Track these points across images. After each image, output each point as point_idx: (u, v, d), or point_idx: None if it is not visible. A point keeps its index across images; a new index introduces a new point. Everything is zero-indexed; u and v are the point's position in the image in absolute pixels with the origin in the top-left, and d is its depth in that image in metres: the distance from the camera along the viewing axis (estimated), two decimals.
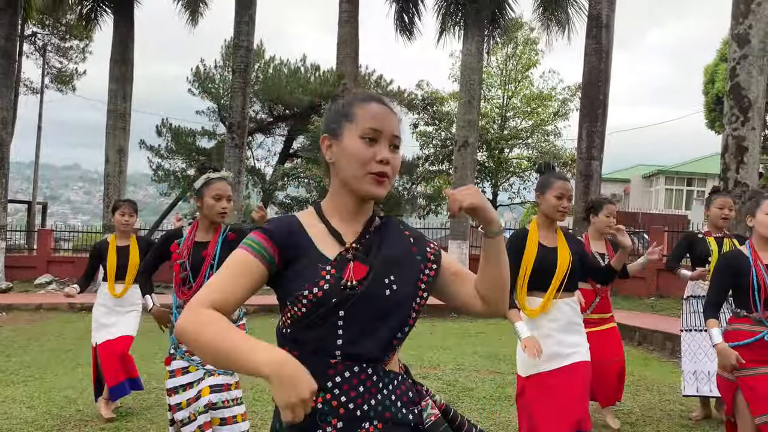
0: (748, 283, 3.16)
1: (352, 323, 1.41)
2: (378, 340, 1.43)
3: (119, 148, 14.85)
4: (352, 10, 14.09)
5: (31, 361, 6.98)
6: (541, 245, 3.25)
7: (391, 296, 1.44)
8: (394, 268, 1.47)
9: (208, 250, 3.31)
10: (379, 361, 1.44)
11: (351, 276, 1.43)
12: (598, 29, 12.09)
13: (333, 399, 1.40)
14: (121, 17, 14.92)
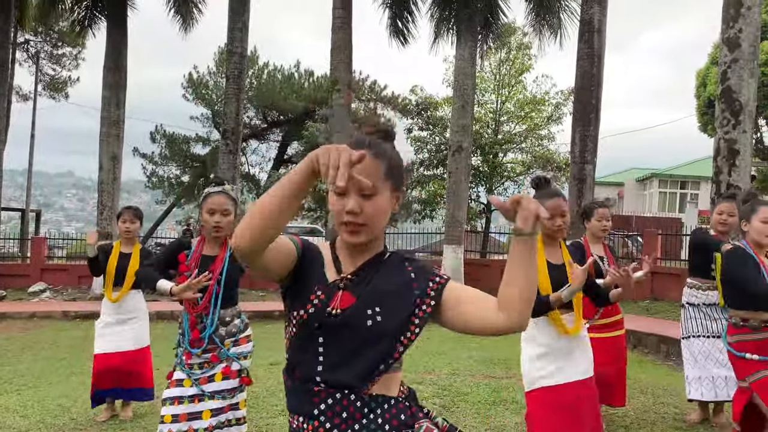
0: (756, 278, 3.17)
1: (331, 350, 1.47)
2: (356, 370, 1.46)
3: (113, 155, 14.81)
4: (346, 16, 14.09)
5: (24, 370, 6.94)
6: (549, 263, 3.17)
7: (373, 327, 1.46)
8: (383, 300, 1.48)
9: (215, 265, 3.31)
10: (361, 387, 1.45)
11: (337, 304, 1.48)
12: (590, 34, 12.15)
13: (320, 426, 1.44)
14: (114, 24, 14.91)
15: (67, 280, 15.65)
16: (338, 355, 1.47)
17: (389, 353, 1.47)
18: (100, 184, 14.84)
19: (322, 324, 1.47)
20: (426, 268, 1.58)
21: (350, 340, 1.46)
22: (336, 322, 1.46)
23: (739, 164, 9.50)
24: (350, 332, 1.46)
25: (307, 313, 1.48)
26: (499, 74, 26.73)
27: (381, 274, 1.52)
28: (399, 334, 1.48)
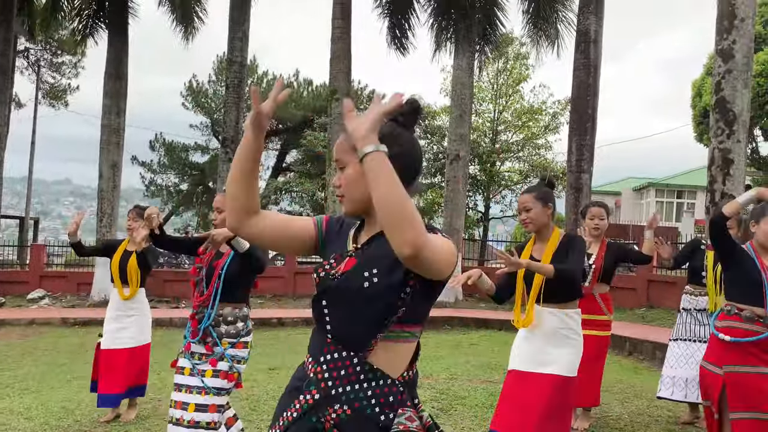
0: (756, 281, 3.28)
1: (333, 309, 1.59)
2: (356, 327, 1.56)
3: (113, 163, 14.90)
4: (345, 26, 14.25)
5: (25, 375, 7.00)
6: (532, 257, 3.33)
7: (369, 288, 1.54)
8: (381, 262, 1.55)
9: (220, 260, 3.45)
10: (362, 348, 1.55)
11: (341, 268, 1.60)
12: (587, 44, 12.30)
13: (320, 374, 1.57)
14: (115, 33, 15.04)
15: (66, 287, 15.68)
16: (339, 313, 1.58)
17: (387, 311, 1.54)
18: (100, 191, 14.92)
19: (326, 288, 1.60)
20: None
21: (346, 300, 1.57)
22: (335, 284, 1.58)
23: (734, 173, 9.61)
24: (348, 294, 1.56)
25: (318, 277, 1.62)
26: (497, 84, 26.95)
27: (382, 240, 1.52)
28: (394, 295, 1.54)
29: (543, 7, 14.21)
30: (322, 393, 1.56)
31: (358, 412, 1.54)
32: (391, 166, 1.40)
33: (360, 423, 1.54)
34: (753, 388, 3.22)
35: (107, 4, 15.24)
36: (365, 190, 1.51)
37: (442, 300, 13.15)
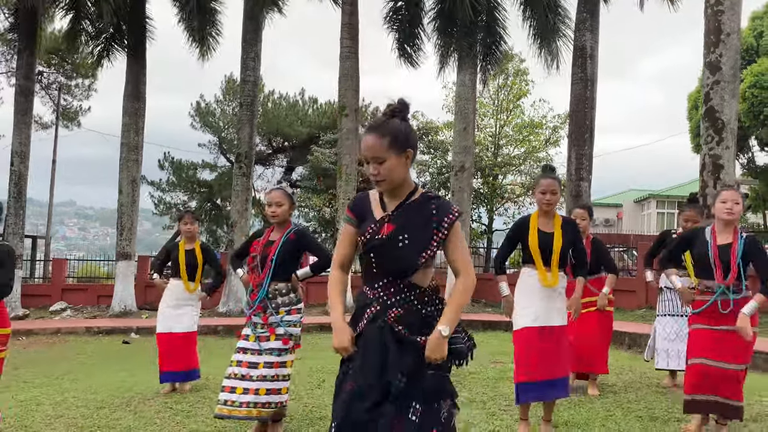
0: (705, 254, 3.97)
1: (378, 259, 2.35)
2: (394, 270, 2.33)
3: (132, 179, 15.55)
4: (353, 46, 14.94)
5: (69, 370, 7.53)
6: (540, 231, 4.09)
7: (403, 247, 2.31)
8: (411, 229, 2.32)
9: (272, 247, 4.16)
10: (403, 278, 2.32)
11: (383, 232, 2.32)
12: (584, 59, 12.99)
13: (376, 294, 2.33)
14: (133, 54, 15.76)
15: (87, 299, 16.28)
16: (382, 261, 2.35)
17: (414, 262, 2.32)
18: (120, 207, 15.53)
19: (372, 246, 2.34)
20: (444, 206, 2.36)
21: (389, 253, 2.32)
22: (379, 243, 2.33)
23: (724, 178, 10.21)
24: (386, 249, 2.33)
25: (365, 238, 2.36)
26: (498, 99, 27.67)
27: (412, 210, 2.35)
28: (421, 252, 2.32)
29: (543, 24, 14.92)
30: (381, 305, 2.32)
31: (407, 309, 2.29)
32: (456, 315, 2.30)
33: (410, 315, 2.30)
34: (702, 340, 3.93)
35: (125, 27, 15.98)
36: (400, 176, 2.33)
37: None
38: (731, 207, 3.96)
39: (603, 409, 4.62)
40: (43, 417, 4.52)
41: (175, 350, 5.58)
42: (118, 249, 15.45)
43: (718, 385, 3.83)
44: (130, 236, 15.50)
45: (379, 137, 2.30)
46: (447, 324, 2.27)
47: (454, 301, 2.33)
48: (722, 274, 3.91)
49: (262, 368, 3.97)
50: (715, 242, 3.96)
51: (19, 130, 15.78)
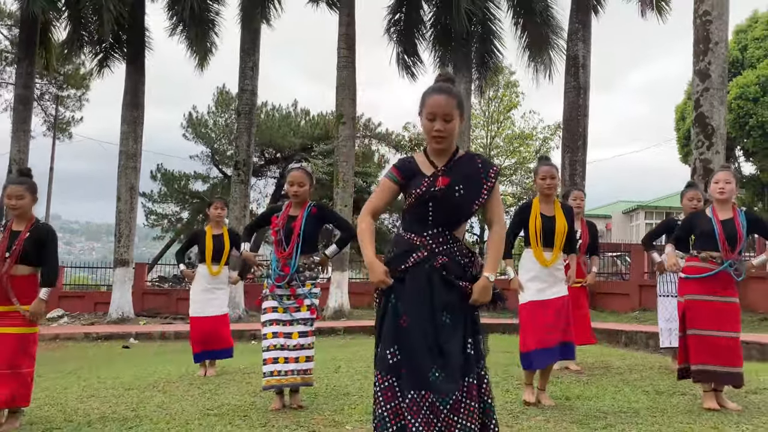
0: (710, 231, 4.24)
1: (436, 209, 2.57)
2: (450, 219, 2.59)
3: (131, 186, 15.67)
4: (350, 55, 15.22)
5: (79, 366, 7.56)
6: (543, 215, 4.43)
7: (459, 197, 2.56)
8: (464, 181, 2.57)
9: (296, 222, 4.36)
10: (451, 228, 2.59)
11: (439, 184, 2.56)
12: (576, 68, 13.36)
13: (425, 241, 2.56)
14: (132, 64, 15.96)
15: (84, 306, 16.30)
16: (440, 211, 2.57)
17: (469, 211, 2.62)
18: (118, 213, 15.62)
19: (431, 196, 2.55)
20: (487, 162, 2.67)
21: (446, 203, 2.55)
22: (439, 194, 2.54)
23: None
24: (446, 199, 2.55)
25: (421, 190, 2.56)
26: (489, 111, 28.13)
27: (462, 165, 2.62)
28: (474, 200, 2.59)
29: (536, 35, 15.31)
30: (428, 251, 2.55)
31: (451, 259, 2.56)
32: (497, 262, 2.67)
33: (454, 264, 2.56)
34: (705, 311, 4.17)
35: (124, 37, 16.19)
36: (456, 135, 2.62)
37: None
38: (723, 186, 4.26)
39: (611, 385, 4.84)
40: (75, 397, 4.66)
41: (209, 334, 5.86)
42: (116, 256, 15.52)
43: (725, 355, 4.08)
44: (128, 243, 15.58)
45: (450, 98, 2.55)
46: (492, 270, 2.55)
47: (494, 248, 2.64)
48: (728, 248, 4.17)
49: (297, 338, 4.20)
50: (718, 219, 4.23)
51: (18, 139, 15.87)
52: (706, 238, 4.26)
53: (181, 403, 4.36)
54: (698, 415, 3.86)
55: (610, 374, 5.41)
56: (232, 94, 31.49)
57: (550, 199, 4.48)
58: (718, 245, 4.20)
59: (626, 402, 4.21)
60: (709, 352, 4.09)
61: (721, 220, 4.23)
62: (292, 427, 3.68)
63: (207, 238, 6.01)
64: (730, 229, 4.21)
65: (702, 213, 4.45)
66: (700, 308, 4.19)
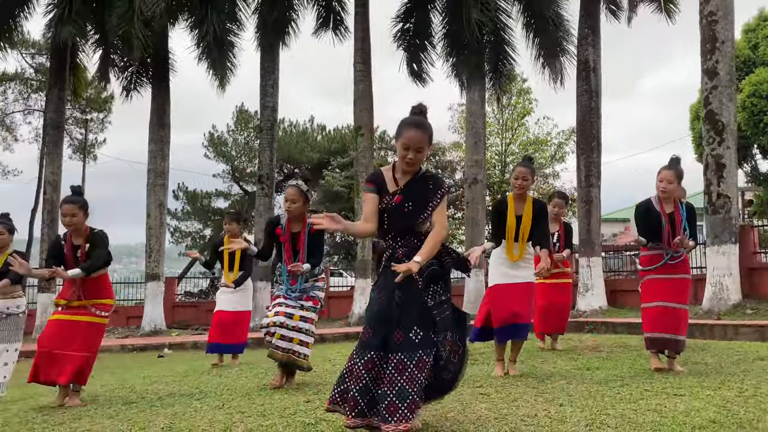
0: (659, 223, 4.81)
1: (390, 219, 3.11)
2: (401, 227, 3.12)
3: (159, 203, 16.28)
4: (366, 69, 15.76)
5: (129, 368, 8.06)
6: (517, 216, 4.94)
7: (407, 212, 3.08)
8: (414, 199, 3.09)
9: (300, 239, 4.90)
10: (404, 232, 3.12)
11: (393, 201, 3.09)
12: (587, 72, 13.75)
13: (388, 242, 3.15)
14: (158, 86, 16.64)
15: (117, 321, 16.87)
16: (393, 221, 3.12)
17: (415, 222, 3.12)
18: (148, 229, 16.20)
19: (386, 210, 3.10)
20: (438, 184, 3.15)
21: (398, 215, 3.10)
22: (391, 208, 3.09)
23: (726, 176, 10.85)
24: (396, 213, 3.09)
25: (382, 206, 3.11)
26: (503, 119, 28.55)
27: (416, 185, 3.13)
28: (419, 214, 3.10)
29: (547, 42, 15.73)
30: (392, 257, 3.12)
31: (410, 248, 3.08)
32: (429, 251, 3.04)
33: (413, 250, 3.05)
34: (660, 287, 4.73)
35: (149, 60, 16.89)
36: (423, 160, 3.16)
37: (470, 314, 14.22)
38: (665, 186, 4.79)
39: (629, 358, 5.23)
40: (140, 383, 5.15)
41: (229, 326, 6.39)
42: (148, 270, 16.10)
43: (674, 323, 4.63)
44: (159, 258, 16.17)
45: (424, 134, 3.07)
46: (420, 256, 2.99)
47: (428, 241, 3.06)
48: (669, 239, 4.73)
49: (297, 320, 4.69)
50: (664, 211, 4.75)
51: (51, 161, 16.60)
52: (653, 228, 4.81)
53: (238, 381, 4.83)
54: (706, 376, 4.23)
55: (628, 351, 5.79)
56: (250, 112, 32.36)
57: (522, 197, 4.96)
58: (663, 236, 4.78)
59: (642, 369, 4.59)
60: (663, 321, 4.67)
61: (667, 213, 4.77)
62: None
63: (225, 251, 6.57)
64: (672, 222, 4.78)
65: (650, 203, 4.90)
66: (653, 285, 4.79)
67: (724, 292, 10.32)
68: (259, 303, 14.51)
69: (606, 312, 12.71)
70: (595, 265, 13.33)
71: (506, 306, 4.78)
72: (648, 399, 3.43)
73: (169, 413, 3.61)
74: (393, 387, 2.79)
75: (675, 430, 2.70)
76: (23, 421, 3.74)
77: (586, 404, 3.34)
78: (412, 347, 2.87)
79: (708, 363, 4.97)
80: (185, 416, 3.48)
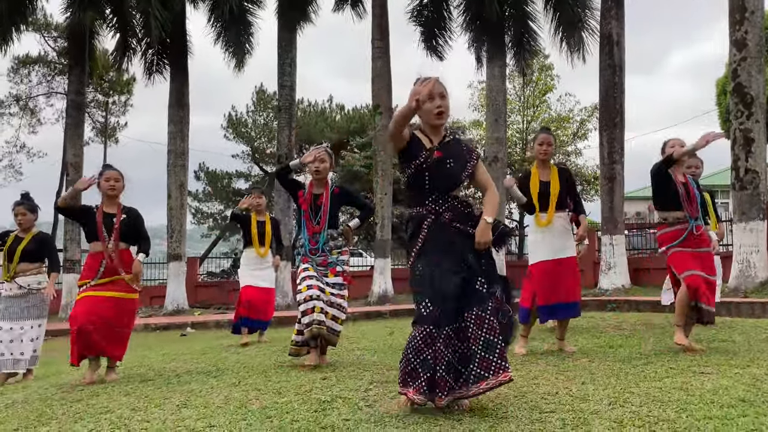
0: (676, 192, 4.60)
1: (432, 178, 3.03)
2: (444, 185, 3.04)
3: (180, 183, 16.34)
4: (384, 46, 15.56)
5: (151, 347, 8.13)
6: (541, 181, 4.81)
7: (449, 168, 3.03)
8: (453, 157, 3.06)
9: (322, 199, 4.76)
10: (447, 192, 3.04)
11: (434, 156, 3.03)
12: (610, 47, 13.40)
13: (429, 207, 3.01)
14: (176, 68, 16.62)
15: (141, 300, 16.95)
16: (435, 179, 3.02)
17: (459, 180, 3.09)
18: (169, 210, 16.30)
19: (428, 166, 3.01)
20: (469, 147, 3.19)
21: (441, 172, 3.02)
22: (434, 163, 3.01)
23: (755, 151, 10.55)
24: (441, 170, 3.01)
25: (419, 161, 3.03)
26: (524, 96, 28.11)
27: (451, 146, 3.11)
28: (461, 172, 3.07)
29: (568, 16, 15.37)
30: (433, 215, 3.00)
31: (455, 212, 3.01)
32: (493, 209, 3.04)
33: (458, 215, 3.02)
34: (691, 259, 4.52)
35: (168, 41, 16.85)
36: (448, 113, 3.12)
37: None
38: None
39: (653, 336, 5.11)
40: (158, 361, 5.17)
41: (256, 302, 6.35)
42: (169, 251, 16.23)
43: (708, 295, 4.46)
44: (180, 238, 16.29)
45: (440, 82, 3.04)
46: (488, 214, 2.97)
47: (489, 201, 3.06)
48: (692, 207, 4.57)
49: (329, 295, 4.56)
50: (679, 181, 4.60)
51: (73, 143, 16.73)
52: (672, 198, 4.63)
53: (256, 359, 4.82)
54: (734, 354, 4.10)
55: (651, 328, 5.66)
56: (269, 93, 32.28)
57: (546, 164, 4.83)
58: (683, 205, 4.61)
59: (666, 346, 4.47)
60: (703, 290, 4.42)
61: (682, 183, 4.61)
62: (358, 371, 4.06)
63: (252, 224, 6.58)
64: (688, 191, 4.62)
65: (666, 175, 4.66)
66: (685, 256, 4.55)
67: (751, 269, 10.09)
68: (280, 283, 14.57)
69: (629, 290, 12.54)
70: (618, 243, 13.12)
71: (551, 284, 4.65)
72: (673, 377, 3.33)
73: (185, 390, 3.61)
74: (477, 343, 2.76)
75: (702, 409, 2.60)
76: (42, 398, 3.76)
77: (608, 382, 3.25)
78: (482, 299, 2.84)
79: (735, 341, 4.83)
80: (201, 393, 3.46)
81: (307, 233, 4.73)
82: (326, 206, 4.68)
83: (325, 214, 4.67)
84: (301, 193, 4.80)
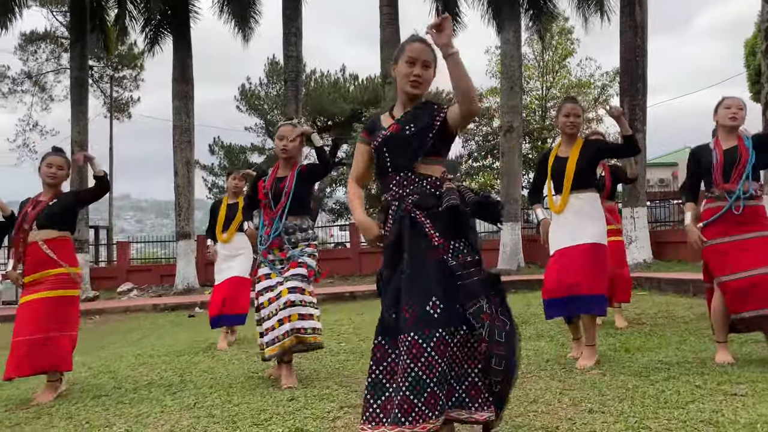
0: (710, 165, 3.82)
1: (391, 152, 2.52)
2: (406, 155, 2.49)
3: (186, 160, 15.93)
4: (393, 12, 14.82)
5: (144, 334, 7.85)
6: (557, 157, 4.10)
7: (409, 134, 2.49)
8: (414, 120, 2.51)
9: (285, 182, 4.09)
10: (412, 166, 2.48)
11: (389, 131, 2.54)
12: (632, 6, 12.55)
13: (393, 191, 2.49)
14: (178, 39, 16.06)
15: (151, 279, 16.88)
16: (395, 153, 2.51)
17: (423, 141, 2.48)
18: (176, 188, 15.93)
19: (386, 145, 2.53)
20: (441, 105, 2.55)
21: (399, 142, 2.51)
22: (390, 138, 2.52)
23: None
24: (399, 141, 2.50)
25: (377, 142, 2.55)
26: (543, 61, 27.10)
27: (415, 111, 2.54)
28: (426, 132, 2.48)
29: None
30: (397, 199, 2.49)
31: (422, 194, 2.45)
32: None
33: (424, 197, 2.45)
34: (730, 255, 3.70)
35: (170, 12, 16.28)
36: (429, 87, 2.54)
37: (506, 269, 13.63)
38: (735, 112, 3.84)
39: (676, 335, 4.56)
40: (127, 365, 4.77)
41: (226, 296, 5.83)
42: (178, 229, 15.91)
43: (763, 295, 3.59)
44: (188, 216, 15.93)
45: (429, 47, 2.49)
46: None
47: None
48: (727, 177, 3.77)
49: (287, 294, 3.87)
50: (720, 149, 3.84)
51: (77, 120, 16.34)
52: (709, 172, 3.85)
53: (227, 367, 4.37)
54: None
55: (674, 324, 5.10)
56: (281, 63, 31.62)
57: (573, 139, 4.09)
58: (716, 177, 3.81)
59: (692, 352, 3.92)
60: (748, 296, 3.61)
61: (724, 150, 3.82)
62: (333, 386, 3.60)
63: (221, 208, 6.00)
64: (733, 157, 3.77)
65: (705, 146, 3.96)
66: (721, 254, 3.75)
67: None
68: None
69: (651, 266, 11.92)
70: (640, 215, 12.45)
71: (560, 275, 3.88)
72: (700, 401, 2.79)
73: (133, 414, 3.18)
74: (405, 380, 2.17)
75: None
76: None
77: (621, 410, 2.73)
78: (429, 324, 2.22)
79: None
80: (149, 419, 3.04)
81: (264, 220, 4.12)
82: (289, 188, 4.02)
83: (286, 197, 4.00)
84: (261, 183, 4.21)
